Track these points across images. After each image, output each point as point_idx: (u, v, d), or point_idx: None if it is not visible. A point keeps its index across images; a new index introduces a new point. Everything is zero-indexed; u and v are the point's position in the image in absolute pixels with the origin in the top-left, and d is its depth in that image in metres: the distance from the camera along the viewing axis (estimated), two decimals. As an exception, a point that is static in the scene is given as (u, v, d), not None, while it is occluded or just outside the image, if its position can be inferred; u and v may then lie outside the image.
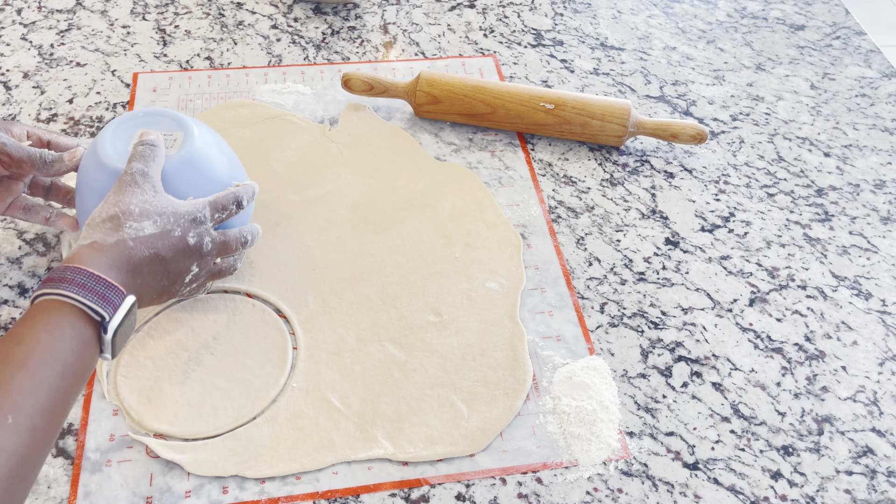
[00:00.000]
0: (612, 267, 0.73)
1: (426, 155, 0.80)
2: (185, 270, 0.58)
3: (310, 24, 0.95)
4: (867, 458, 0.61)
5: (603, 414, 0.62)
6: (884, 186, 0.82)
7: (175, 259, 0.56)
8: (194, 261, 0.58)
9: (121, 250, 0.53)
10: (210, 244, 0.59)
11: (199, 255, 0.58)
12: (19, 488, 0.44)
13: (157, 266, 0.55)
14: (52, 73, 0.86)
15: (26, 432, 0.44)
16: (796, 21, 1.01)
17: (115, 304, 0.50)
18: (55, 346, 0.47)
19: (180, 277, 0.58)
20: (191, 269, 0.58)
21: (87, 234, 0.53)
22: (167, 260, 0.55)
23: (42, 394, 0.45)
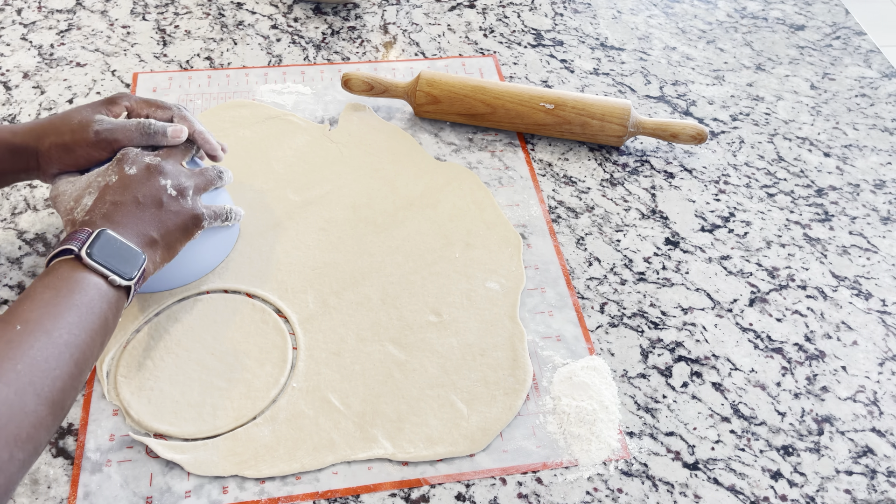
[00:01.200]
0: (612, 267, 0.73)
1: (426, 155, 0.80)
2: (158, 190, 0.59)
3: (310, 24, 0.95)
4: (867, 458, 0.61)
5: (603, 414, 0.62)
6: (884, 186, 0.82)
7: (134, 192, 0.58)
8: (155, 177, 0.60)
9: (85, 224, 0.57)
10: (150, 156, 0.61)
11: (154, 170, 0.60)
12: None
13: (124, 209, 0.58)
14: (52, 73, 0.86)
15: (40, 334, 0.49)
16: (796, 21, 1.01)
17: (83, 240, 0.54)
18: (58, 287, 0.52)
19: (163, 196, 0.60)
20: (163, 185, 0.60)
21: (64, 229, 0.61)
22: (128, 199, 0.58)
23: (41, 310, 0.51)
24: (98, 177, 0.60)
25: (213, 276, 0.69)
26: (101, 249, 0.54)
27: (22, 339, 0.48)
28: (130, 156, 0.60)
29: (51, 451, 0.58)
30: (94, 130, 0.61)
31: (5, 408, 0.44)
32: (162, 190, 0.60)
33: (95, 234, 0.54)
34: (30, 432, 0.45)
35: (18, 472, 0.45)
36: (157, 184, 0.60)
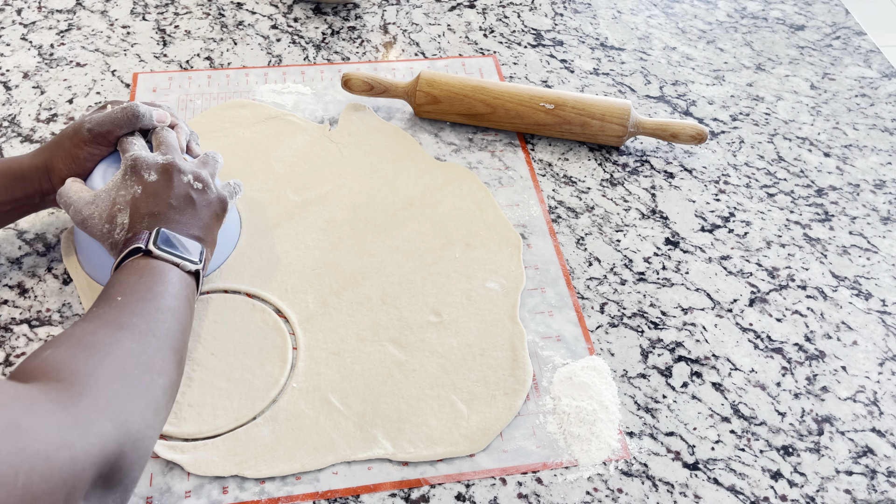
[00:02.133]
0: (612, 267, 0.73)
1: (426, 155, 0.80)
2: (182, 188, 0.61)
3: (310, 24, 0.95)
4: (867, 458, 0.61)
5: (603, 414, 0.62)
6: (884, 186, 0.82)
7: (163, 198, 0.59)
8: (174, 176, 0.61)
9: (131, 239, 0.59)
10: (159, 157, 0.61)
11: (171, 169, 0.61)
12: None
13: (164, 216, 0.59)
14: (52, 73, 0.86)
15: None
16: (796, 21, 1.01)
17: (146, 239, 0.57)
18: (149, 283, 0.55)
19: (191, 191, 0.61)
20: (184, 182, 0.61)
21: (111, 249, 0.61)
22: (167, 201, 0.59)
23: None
24: (120, 191, 0.60)
25: (213, 276, 0.69)
26: (164, 243, 0.57)
27: (125, 303, 0.53)
28: (141, 162, 0.60)
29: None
30: (87, 129, 0.62)
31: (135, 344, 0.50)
32: (188, 186, 0.61)
33: (155, 231, 0.57)
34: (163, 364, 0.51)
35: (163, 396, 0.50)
36: (181, 181, 0.61)
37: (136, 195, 0.59)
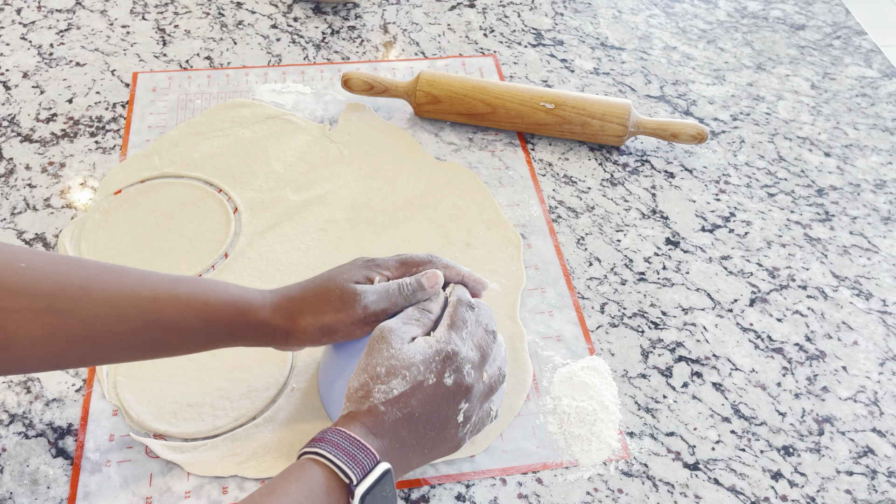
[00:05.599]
0: (612, 267, 0.73)
1: (426, 155, 0.80)
2: (452, 413, 0.52)
3: (310, 23, 0.94)
4: (868, 458, 0.61)
5: (603, 414, 0.62)
6: (884, 186, 0.82)
7: (435, 409, 0.51)
8: (460, 399, 0.52)
9: (373, 417, 0.50)
10: (472, 370, 0.53)
11: (464, 391, 0.52)
12: None
13: (415, 423, 0.50)
14: (51, 73, 0.86)
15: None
16: (797, 21, 1.01)
17: (366, 468, 0.47)
18: (302, 501, 0.46)
19: (450, 422, 0.52)
20: (459, 409, 0.52)
21: (345, 406, 0.51)
22: (426, 414, 0.51)
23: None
24: (421, 365, 0.51)
25: (213, 276, 0.68)
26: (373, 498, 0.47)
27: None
28: (456, 361, 0.52)
29: (50, 452, 0.58)
30: (363, 305, 0.54)
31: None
32: (453, 416, 0.52)
33: (381, 473, 0.47)
34: None
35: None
36: (455, 407, 0.52)
37: (426, 383, 0.51)
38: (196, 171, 0.77)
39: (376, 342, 0.52)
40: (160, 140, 0.79)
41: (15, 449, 0.58)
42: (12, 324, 0.46)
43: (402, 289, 0.56)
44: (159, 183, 0.76)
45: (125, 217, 0.72)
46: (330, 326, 0.54)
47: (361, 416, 0.50)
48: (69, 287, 0.48)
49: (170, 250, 0.70)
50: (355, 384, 0.51)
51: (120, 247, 0.70)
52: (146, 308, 0.50)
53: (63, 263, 0.49)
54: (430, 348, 0.52)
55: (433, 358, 0.51)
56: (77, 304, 0.48)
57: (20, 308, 0.47)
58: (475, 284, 0.59)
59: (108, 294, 0.49)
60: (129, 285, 0.50)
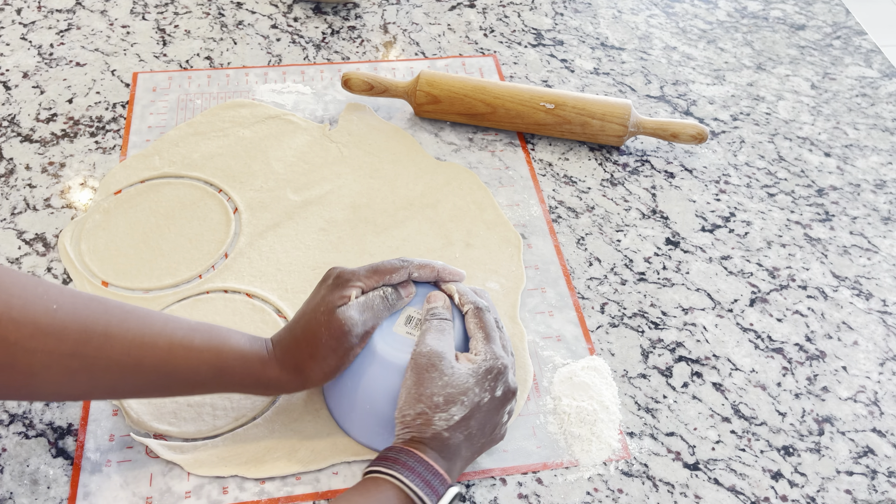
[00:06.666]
0: (612, 267, 0.73)
1: (426, 155, 0.80)
2: (501, 418, 0.56)
3: (310, 23, 0.94)
4: (868, 458, 0.61)
5: (603, 414, 0.62)
6: (884, 186, 0.82)
7: (489, 420, 0.54)
8: (508, 403, 0.56)
9: (439, 442, 0.52)
10: (512, 376, 0.56)
11: (511, 395, 0.56)
12: None
13: (474, 439, 0.54)
14: (51, 73, 0.86)
15: None
16: (797, 21, 1.01)
17: (439, 493, 0.50)
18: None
19: (499, 425, 0.56)
20: (506, 411, 0.56)
21: (403, 432, 0.53)
22: (482, 429, 0.54)
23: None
24: (476, 387, 0.53)
25: (213, 276, 0.68)
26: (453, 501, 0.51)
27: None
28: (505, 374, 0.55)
29: (50, 452, 0.58)
30: (355, 335, 0.54)
31: None
32: (501, 419, 0.56)
33: (454, 497, 0.50)
34: None
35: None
36: (504, 411, 0.56)
37: (482, 402, 0.53)
38: (196, 171, 0.77)
39: (426, 371, 0.53)
40: (160, 140, 0.79)
41: (15, 449, 0.58)
42: (38, 363, 0.49)
43: (386, 300, 0.56)
44: (159, 183, 0.76)
45: (125, 217, 0.72)
46: (336, 367, 0.55)
47: (427, 441, 0.52)
48: (94, 333, 0.50)
49: (170, 250, 0.70)
50: (411, 413, 0.52)
51: (120, 247, 0.70)
52: (162, 359, 0.52)
53: (91, 307, 0.51)
54: (480, 368, 0.54)
55: (485, 377, 0.54)
56: (99, 351, 0.50)
57: (47, 350, 0.49)
58: (451, 276, 0.60)
59: (127, 342, 0.51)
60: (148, 334, 0.52)
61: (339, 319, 0.54)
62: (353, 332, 0.54)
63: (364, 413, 0.57)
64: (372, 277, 0.56)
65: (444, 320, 0.56)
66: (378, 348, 0.56)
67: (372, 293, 0.56)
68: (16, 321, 0.48)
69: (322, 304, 0.55)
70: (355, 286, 0.55)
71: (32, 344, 0.48)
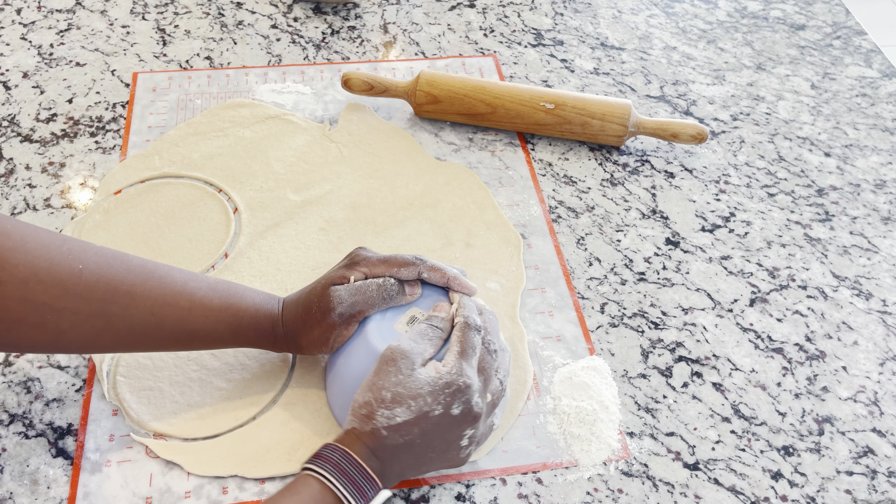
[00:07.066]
0: (612, 267, 0.73)
1: (426, 155, 0.80)
2: (456, 438, 0.53)
3: (310, 23, 0.94)
4: (868, 458, 0.61)
5: (603, 414, 0.62)
6: (884, 186, 0.82)
7: (438, 436, 0.52)
8: (466, 426, 0.53)
9: (375, 439, 0.51)
10: (479, 398, 0.53)
11: (472, 419, 0.53)
12: None
13: (416, 448, 0.52)
14: (51, 73, 0.86)
15: None
16: (797, 21, 1.01)
17: (368, 497, 0.49)
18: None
19: (453, 446, 0.53)
20: (463, 435, 0.53)
21: (349, 420, 0.52)
22: (428, 441, 0.52)
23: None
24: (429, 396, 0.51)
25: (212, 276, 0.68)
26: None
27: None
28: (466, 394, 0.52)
29: (50, 452, 0.58)
30: (338, 313, 0.55)
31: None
32: (456, 440, 0.53)
33: (384, 501, 0.50)
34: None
35: None
36: (460, 433, 0.53)
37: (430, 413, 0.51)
38: (196, 171, 0.77)
39: (385, 363, 0.52)
40: (160, 140, 0.79)
41: (15, 449, 0.58)
42: (66, 322, 0.51)
43: (383, 289, 0.56)
44: (159, 183, 0.76)
45: (125, 217, 0.72)
46: (320, 339, 0.56)
47: (364, 437, 0.51)
48: (118, 293, 0.52)
49: (170, 250, 0.70)
50: (360, 400, 0.52)
51: (120, 247, 0.70)
52: (182, 318, 0.55)
53: (115, 267, 0.53)
54: (440, 379, 0.52)
55: (442, 390, 0.51)
56: (123, 311, 0.53)
57: (74, 309, 0.51)
58: (461, 287, 0.58)
59: (150, 302, 0.54)
60: (169, 294, 0.54)
61: (328, 295, 0.56)
62: (336, 311, 0.55)
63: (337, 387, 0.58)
64: (380, 266, 0.57)
65: (434, 328, 0.55)
66: (372, 340, 0.56)
67: (370, 280, 0.56)
68: (43, 282, 0.49)
69: (325, 279, 0.57)
70: (359, 271, 0.57)
71: (60, 304, 0.50)
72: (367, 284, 0.56)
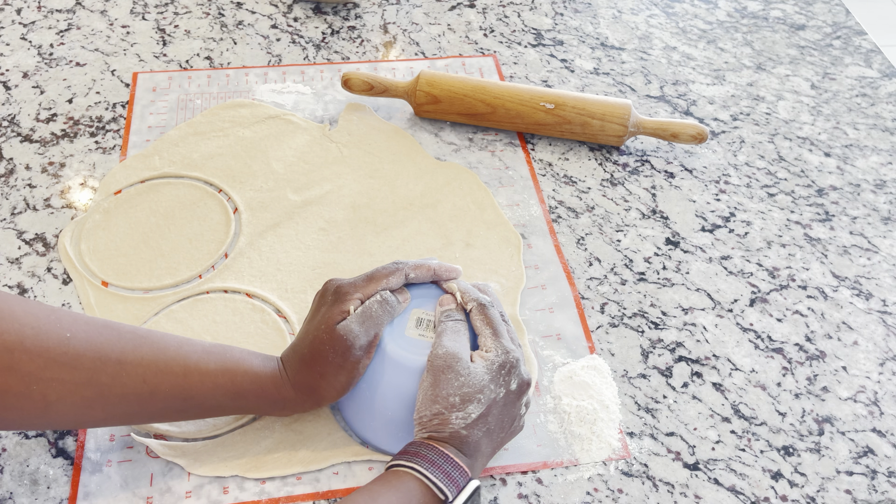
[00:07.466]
0: (612, 267, 0.73)
1: (426, 155, 0.80)
2: (518, 409, 0.56)
3: (310, 23, 0.94)
4: (868, 458, 0.61)
5: (603, 413, 0.62)
6: (884, 186, 0.82)
7: (506, 414, 0.55)
8: (523, 394, 0.56)
9: (458, 440, 0.52)
10: (524, 367, 0.56)
11: (526, 386, 0.56)
12: None
13: (493, 434, 0.54)
14: (51, 73, 0.86)
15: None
16: (797, 21, 1.01)
17: (460, 485, 0.50)
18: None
19: (517, 417, 0.56)
20: (521, 404, 0.56)
21: (421, 432, 0.53)
22: (500, 423, 0.54)
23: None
24: (492, 384, 0.53)
25: (213, 276, 0.68)
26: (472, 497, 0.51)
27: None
28: (517, 367, 0.55)
29: (50, 452, 0.58)
30: (360, 347, 0.54)
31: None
32: (518, 410, 0.56)
33: (472, 490, 0.50)
34: None
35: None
36: (520, 403, 0.56)
37: (497, 398, 0.54)
38: (196, 171, 0.77)
39: (442, 372, 0.53)
40: (160, 140, 0.79)
41: (15, 449, 0.58)
42: (54, 393, 0.49)
43: (386, 304, 0.56)
44: (159, 183, 0.76)
45: (125, 217, 0.72)
46: (346, 383, 0.55)
47: (447, 439, 0.52)
48: (108, 361, 0.50)
49: (170, 250, 0.70)
50: (429, 414, 0.53)
51: (120, 247, 0.70)
52: (177, 385, 0.52)
53: (105, 335, 0.51)
54: (493, 364, 0.54)
55: (499, 372, 0.54)
56: (114, 379, 0.51)
57: (63, 379, 0.49)
58: (448, 273, 0.59)
59: (142, 369, 0.51)
60: (162, 360, 0.52)
61: (340, 335, 0.54)
62: (357, 345, 0.54)
63: (386, 420, 0.57)
64: (369, 285, 0.56)
65: (458, 321, 0.57)
66: (393, 354, 0.56)
67: (369, 302, 0.55)
68: (29, 351, 0.47)
69: (323, 322, 0.54)
70: (354, 298, 0.55)
71: (47, 374, 0.48)
72: (369, 307, 0.55)
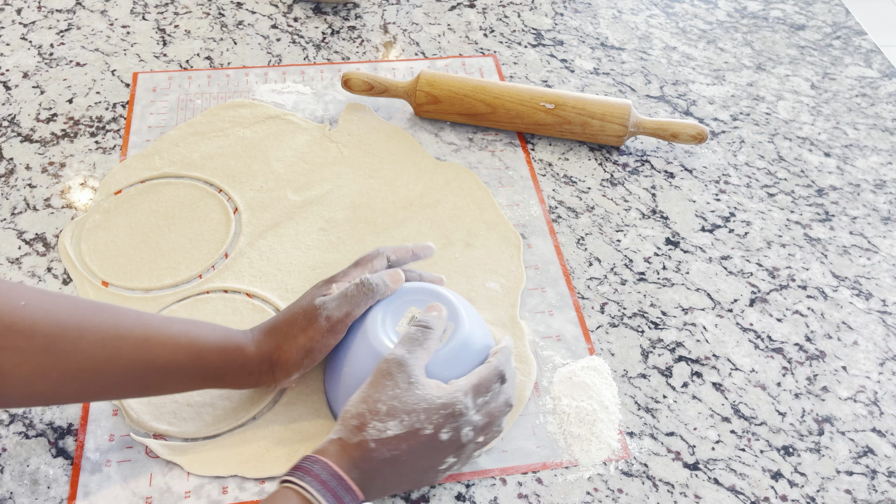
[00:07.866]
0: (612, 267, 0.73)
1: (426, 155, 0.80)
2: (436, 463, 0.53)
3: (310, 23, 0.95)
4: (868, 458, 0.61)
5: (603, 414, 0.62)
6: (884, 186, 0.82)
7: (423, 457, 0.51)
8: (449, 453, 0.52)
9: (362, 451, 0.50)
10: (471, 432, 0.53)
11: (456, 447, 0.52)
12: None
13: (402, 465, 0.51)
14: (51, 73, 0.86)
15: None
16: (797, 21, 1.01)
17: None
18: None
19: (432, 469, 0.53)
20: (444, 461, 0.53)
21: (338, 429, 0.51)
22: (413, 460, 0.51)
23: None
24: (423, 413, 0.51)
25: (213, 276, 0.69)
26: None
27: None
28: (458, 422, 0.52)
29: (50, 452, 0.58)
30: (325, 316, 0.55)
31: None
32: (437, 464, 0.53)
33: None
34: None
35: None
36: (442, 459, 0.52)
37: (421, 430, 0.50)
38: (196, 171, 0.77)
39: (382, 376, 0.52)
40: (160, 140, 0.79)
41: (15, 449, 0.58)
42: (7, 362, 0.47)
43: (363, 286, 0.57)
44: (159, 183, 0.76)
45: (125, 217, 0.72)
46: (304, 346, 0.56)
47: (350, 448, 0.50)
48: (66, 328, 0.49)
49: (170, 250, 0.70)
50: (353, 411, 0.51)
51: (120, 247, 0.70)
52: (139, 348, 0.51)
53: (61, 303, 0.50)
54: (438, 399, 0.51)
55: (437, 410, 0.51)
56: (72, 345, 0.49)
57: (17, 347, 0.47)
58: (422, 251, 0.63)
59: (101, 335, 0.50)
60: (122, 325, 0.51)
61: (314, 305, 0.57)
62: (324, 315, 0.56)
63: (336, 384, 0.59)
64: (354, 271, 0.60)
65: (424, 329, 0.55)
66: (380, 347, 0.56)
67: (349, 284, 0.58)
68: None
69: (304, 299, 0.58)
70: (339, 282, 0.59)
71: (2, 342, 0.47)
72: (347, 288, 0.57)
